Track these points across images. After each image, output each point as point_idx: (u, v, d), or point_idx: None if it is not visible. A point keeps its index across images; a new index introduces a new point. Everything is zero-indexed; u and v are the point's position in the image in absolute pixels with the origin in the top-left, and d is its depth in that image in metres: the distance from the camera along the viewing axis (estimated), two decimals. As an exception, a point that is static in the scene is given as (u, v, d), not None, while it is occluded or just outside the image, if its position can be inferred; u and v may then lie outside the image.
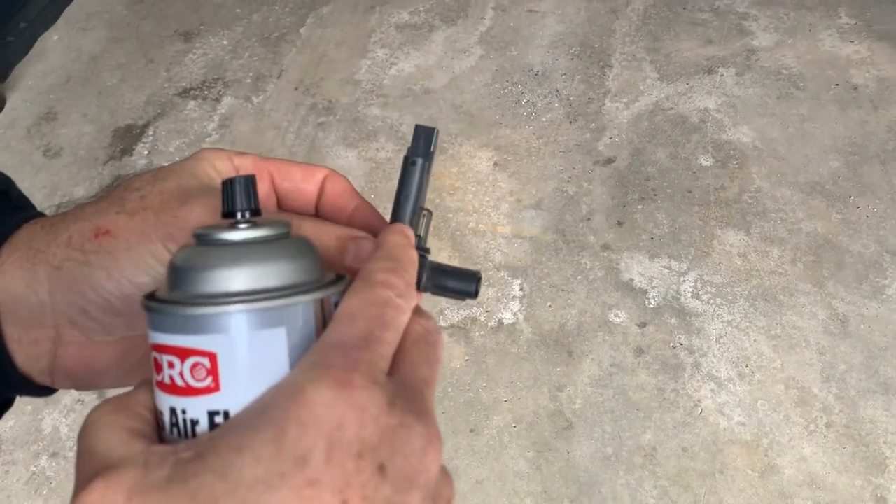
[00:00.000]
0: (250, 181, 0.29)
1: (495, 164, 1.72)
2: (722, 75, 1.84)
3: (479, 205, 1.64)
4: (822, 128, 1.72)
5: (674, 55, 1.90)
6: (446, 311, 1.47)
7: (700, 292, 1.47)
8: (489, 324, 1.45)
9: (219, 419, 0.26)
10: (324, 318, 0.28)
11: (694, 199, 1.61)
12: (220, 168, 0.38)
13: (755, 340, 1.41)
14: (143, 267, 0.35)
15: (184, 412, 0.26)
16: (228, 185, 0.29)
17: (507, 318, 1.46)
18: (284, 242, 0.28)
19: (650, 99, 1.81)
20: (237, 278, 0.26)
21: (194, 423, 0.26)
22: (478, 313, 1.46)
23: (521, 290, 1.50)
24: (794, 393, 1.34)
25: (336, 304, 0.28)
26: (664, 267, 1.51)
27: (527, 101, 1.83)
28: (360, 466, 0.24)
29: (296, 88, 1.94)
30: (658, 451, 1.28)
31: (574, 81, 1.86)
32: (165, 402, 0.27)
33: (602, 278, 1.50)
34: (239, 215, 0.28)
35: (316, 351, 0.26)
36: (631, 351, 1.40)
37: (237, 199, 0.29)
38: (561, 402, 1.34)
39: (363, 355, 0.25)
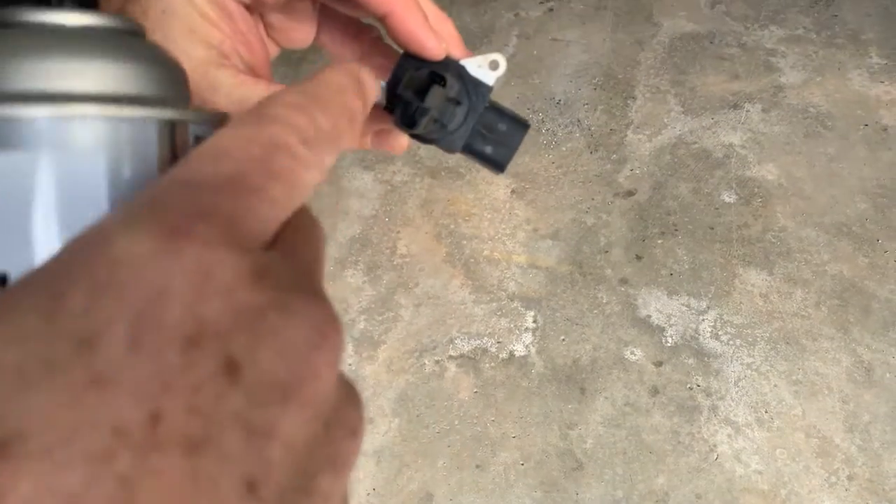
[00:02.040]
0: None
1: (513, 191, 1.68)
2: (748, 111, 1.80)
3: (495, 232, 1.61)
4: (850, 168, 1.67)
5: (699, 89, 1.86)
6: (456, 340, 1.43)
7: (719, 332, 1.42)
8: (500, 355, 1.41)
9: None
10: (174, 155, 0.20)
11: (716, 236, 1.57)
12: None
13: (775, 385, 1.36)
14: None
15: None
16: None
17: (519, 350, 1.41)
18: (126, 40, 0.20)
19: (673, 132, 1.77)
20: (34, 72, 0.18)
21: None
22: (489, 344, 1.42)
23: (534, 321, 1.45)
24: (815, 442, 1.28)
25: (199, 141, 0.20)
26: (683, 304, 1.47)
27: (547, 130, 1.80)
28: (192, 360, 0.15)
29: (314, 108, 1.92)
30: (671, 497, 1.22)
31: (596, 111, 1.83)
32: None
33: (618, 313, 1.46)
34: None
35: (149, 189, 0.17)
36: (646, 390, 1.35)
37: None
38: (571, 440, 1.29)
39: (223, 202, 0.17)
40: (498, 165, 0.39)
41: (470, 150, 0.39)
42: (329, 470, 0.17)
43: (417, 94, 0.35)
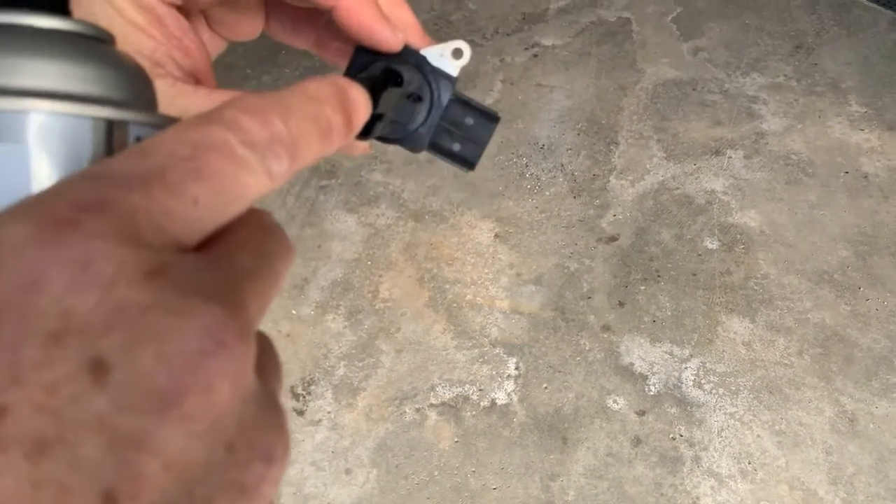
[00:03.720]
0: None
1: (496, 235, 1.68)
2: (730, 157, 1.82)
3: (478, 277, 1.60)
4: (832, 216, 1.68)
5: (682, 135, 1.88)
6: (437, 387, 1.42)
7: (702, 381, 1.42)
8: (482, 403, 1.39)
9: None
10: (110, 154, 0.19)
11: (698, 283, 1.57)
12: None
13: (759, 435, 1.35)
14: None
15: None
16: None
17: (501, 398, 1.40)
18: (78, 42, 0.19)
19: (656, 178, 1.78)
20: None
21: None
22: (470, 391, 1.41)
23: (516, 368, 1.44)
24: (799, 495, 1.27)
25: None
26: (666, 352, 1.46)
27: (531, 174, 1.81)
28: (52, 355, 0.14)
29: (298, 150, 1.92)
30: (654, 551, 1.20)
31: (580, 157, 1.84)
32: None
33: (601, 361, 1.45)
34: None
35: (58, 182, 0.16)
36: (629, 441, 1.33)
37: None
38: (553, 492, 1.27)
39: (129, 197, 0.15)
40: (467, 163, 0.36)
41: (436, 148, 0.36)
42: (232, 499, 0.16)
43: (371, 97, 0.34)
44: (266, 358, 0.19)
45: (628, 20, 2.13)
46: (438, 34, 2.15)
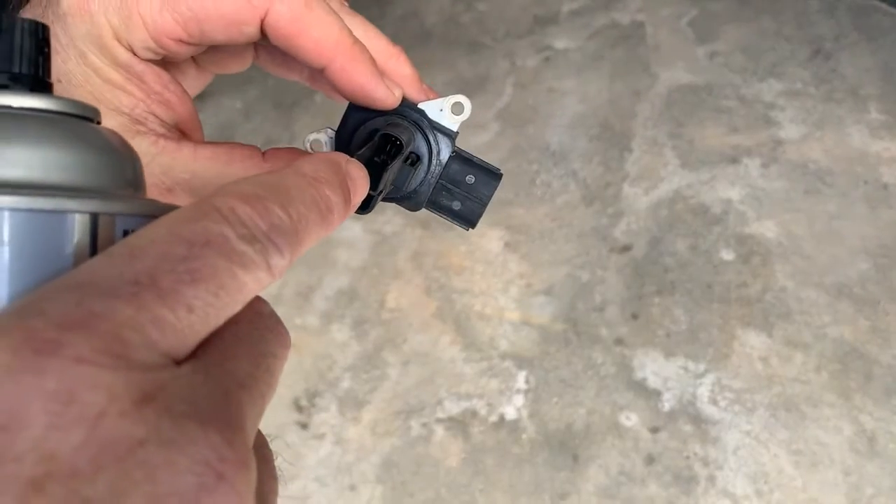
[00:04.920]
0: (40, 29, 0.19)
1: (506, 244, 1.64)
2: (746, 166, 1.77)
3: (487, 287, 1.56)
4: (851, 227, 1.64)
5: (697, 142, 1.84)
6: (445, 401, 1.38)
7: (717, 397, 1.38)
8: (490, 419, 1.36)
9: None
10: (94, 251, 0.18)
11: (714, 296, 1.53)
12: None
13: (775, 455, 1.31)
14: None
15: None
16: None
17: (510, 413, 1.36)
18: (59, 124, 0.18)
19: (671, 186, 1.74)
20: None
21: None
22: (478, 406, 1.37)
23: (526, 382, 1.40)
24: (818, 518, 1.23)
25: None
26: (680, 367, 1.42)
27: (542, 181, 1.77)
28: None
29: (305, 154, 1.89)
30: (667, 576, 1.17)
31: (592, 163, 1.80)
32: None
33: (613, 375, 1.41)
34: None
35: (38, 291, 0.15)
36: (641, 459, 1.30)
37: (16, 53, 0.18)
38: (563, 512, 1.24)
39: (116, 309, 0.14)
40: (468, 221, 0.35)
41: (436, 206, 0.35)
42: None
43: (368, 167, 0.31)
44: (263, 468, 0.17)
45: (642, 23, 2.09)
46: (448, 37, 2.11)
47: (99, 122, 0.20)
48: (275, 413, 1.38)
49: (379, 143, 0.30)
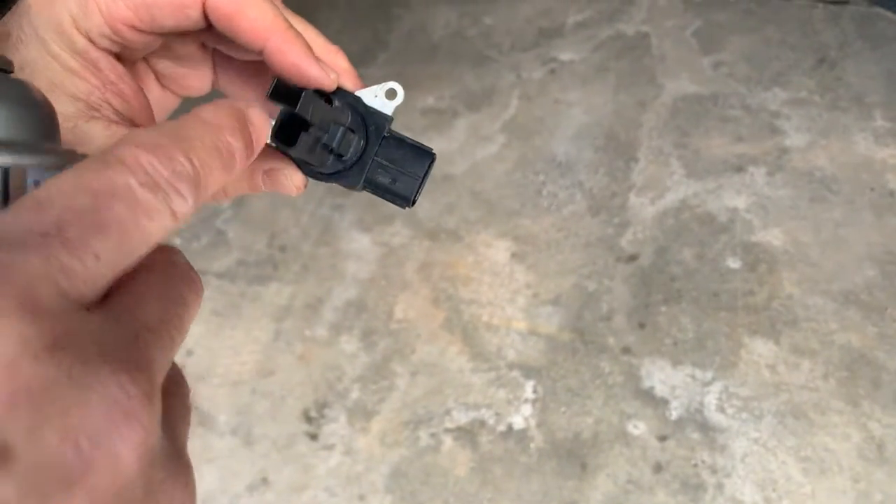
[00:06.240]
0: None
1: (513, 255, 1.65)
2: (752, 174, 1.78)
3: (494, 297, 1.57)
4: (857, 234, 1.64)
5: (702, 151, 1.85)
6: (453, 411, 1.39)
7: (725, 405, 1.38)
8: (498, 428, 1.36)
9: None
10: (6, 204, 0.18)
11: (721, 304, 1.53)
12: None
13: (783, 462, 1.31)
14: None
15: None
16: None
17: (518, 422, 1.37)
18: None
19: (677, 195, 1.75)
20: None
21: None
22: (487, 416, 1.38)
23: (534, 392, 1.41)
24: (827, 525, 1.23)
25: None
26: (688, 375, 1.42)
27: (548, 192, 1.78)
28: None
29: (314, 168, 1.91)
30: (675, 584, 1.17)
31: (598, 174, 1.81)
32: None
33: (621, 384, 1.41)
34: None
35: None
36: (649, 467, 1.30)
37: None
38: (571, 520, 1.24)
39: (25, 262, 0.15)
40: (403, 198, 0.37)
41: (372, 185, 0.37)
42: None
43: (294, 106, 0.32)
44: (174, 402, 0.19)
45: (647, 34, 2.10)
46: (455, 51, 2.13)
47: (10, 73, 0.20)
48: (284, 424, 1.40)
49: (310, 91, 0.32)
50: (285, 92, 0.32)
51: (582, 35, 2.10)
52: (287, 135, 0.31)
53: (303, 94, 0.30)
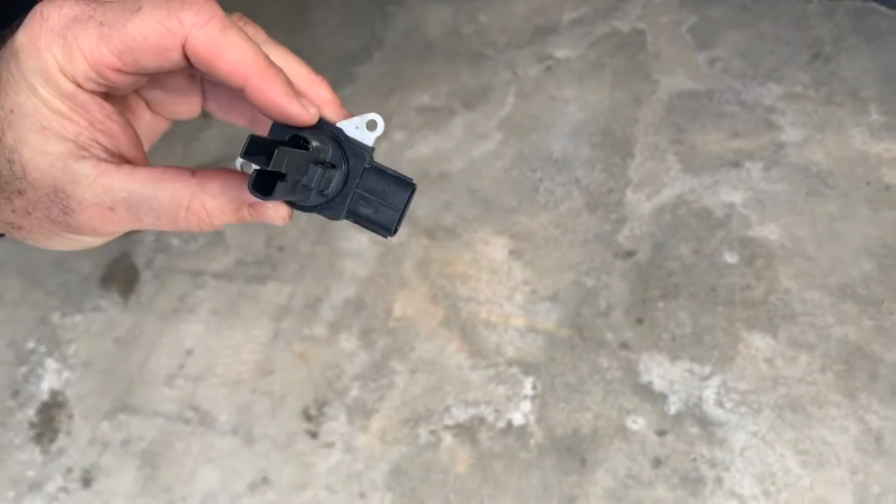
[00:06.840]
0: None
1: (510, 252, 1.66)
2: (748, 169, 1.79)
3: (492, 294, 1.58)
4: (853, 228, 1.65)
5: (699, 147, 1.85)
6: (452, 408, 1.39)
7: (724, 399, 1.38)
8: (498, 425, 1.37)
9: None
10: None
11: (718, 299, 1.54)
12: None
13: (782, 455, 1.32)
14: None
15: None
16: None
17: (517, 419, 1.37)
18: None
19: (673, 191, 1.75)
20: None
21: None
22: (486, 412, 1.38)
23: (533, 388, 1.42)
24: (826, 517, 1.23)
25: None
26: (686, 370, 1.43)
27: (545, 189, 1.79)
28: None
29: (311, 167, 1.91)
30: (676, 577, 1.18)
31: (595, 170, 1.82)
32: None
33: (619, 379, 1.42)
34: None
35: None
36: (648, 462, 1.31)
37: None
38: (571, 516, 1.25)
39: None
40: (385, 228, 0.38)
41: (354, 216, 0.38)
42: None
43: (269, 155, 0.33)
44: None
45: (642, 31, 2.10)
46: (450, 49, 2.13)
47: None
48: (284, 423, 1.40)
49: (288, 140, 0.34)
50: (258, 148, 0.33)
51: (577, 32, 2.11)
52: (264, 185, 0.32)
53: (276, 151, 0.31)
